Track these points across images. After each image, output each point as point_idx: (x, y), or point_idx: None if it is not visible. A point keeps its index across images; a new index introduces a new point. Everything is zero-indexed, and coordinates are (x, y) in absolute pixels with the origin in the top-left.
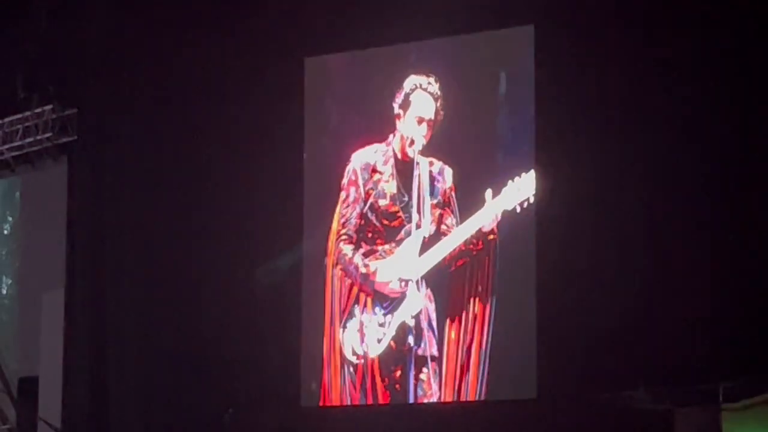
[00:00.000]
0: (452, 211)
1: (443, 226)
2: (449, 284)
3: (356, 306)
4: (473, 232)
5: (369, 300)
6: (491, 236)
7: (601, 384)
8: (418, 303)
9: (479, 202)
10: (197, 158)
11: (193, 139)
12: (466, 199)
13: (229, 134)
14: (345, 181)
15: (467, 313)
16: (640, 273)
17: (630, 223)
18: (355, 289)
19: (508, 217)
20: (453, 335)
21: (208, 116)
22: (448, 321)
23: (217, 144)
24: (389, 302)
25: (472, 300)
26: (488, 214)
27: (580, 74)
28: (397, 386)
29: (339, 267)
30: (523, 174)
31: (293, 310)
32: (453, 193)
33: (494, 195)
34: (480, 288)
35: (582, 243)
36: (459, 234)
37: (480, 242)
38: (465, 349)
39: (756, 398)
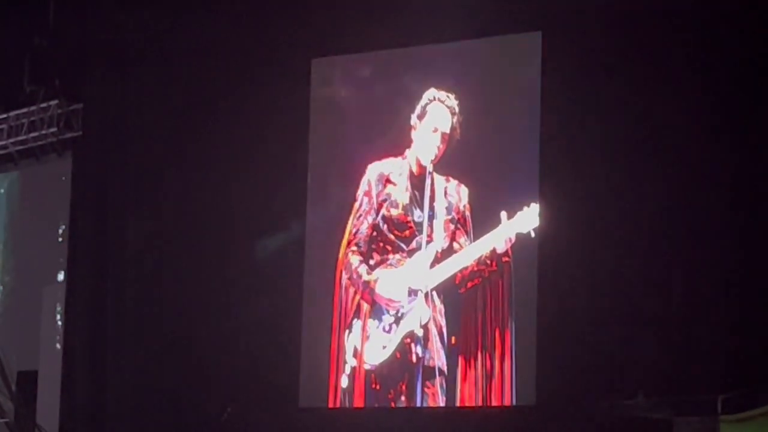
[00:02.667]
0: (466, 232)
1: (456, 244)
2: (460, 307)
3: (358, 314)
4: (487, 252)
5: (368, 309)
6: (505, 258)
7: (600, 392)
8: (427, 313)
9: (493, 223)
10: (201, 157)
11: (197, 139)
12: (481, 220)
13: (233, 134)
14: (360, 192)
15: (482, 336)
16: (642, 282)
17: (631, 235)
18: (357, 297)
19: (522, 240)
20: (467, 356)
21: (213, 116)
22: (460, 342)
23: (222, 144)
24: (393, 312)
25: (486, 323)
26: (502, 235)
27: (588, 85)
28: (403, 398)
29: (346, 276)
30: (533, 204)
31: (293, 311)
32: (468, 213)
33: (509, 217)
34: (495, 310)
35: (582, 253)
36: (472, 251)
37: (494, 263)
38: (483, 371)
39: (754, 410)
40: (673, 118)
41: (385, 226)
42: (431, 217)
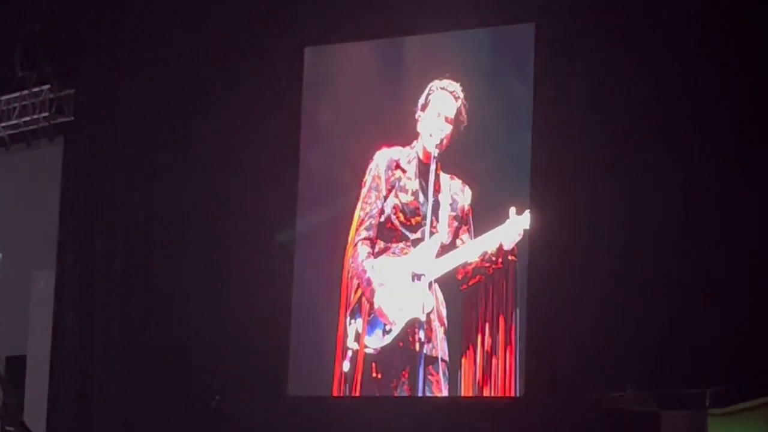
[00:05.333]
0: (469, 230)
1: (458, 241)
2: (461, 302)
3: (359, 308)
4: (493, 248)
5: (368, 308)
6: (511, 257)
7: (588, 385)
8: (431, 302)
9: (497, 221)
10: (193, 144)
11: (189, 126)
12: (483, 222)
13: (226, 122)
14: (368, 176)
15: (483, 332)
16: (630, 276)
17: (621, 230)
18: (360, 292)
19: (528, 237)
20: (469, 349)
21: (206, 102)
22: (463, 334)
23: (214, 130)
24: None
25: (488, 319)
26: (510, 231)
27: (582, 78)
28: (406, 387)
29: (352, 264)
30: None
31: (283, 297)
32: (470, 215)
33: (518, 212)
34: (498, 308)
35: (574, 248)
36: (479, 245)
37: (500, 261)
38: (484, 364)
39: (743, 404)
40: (667, 106)
41: (394, 211)
42: (435, 209)
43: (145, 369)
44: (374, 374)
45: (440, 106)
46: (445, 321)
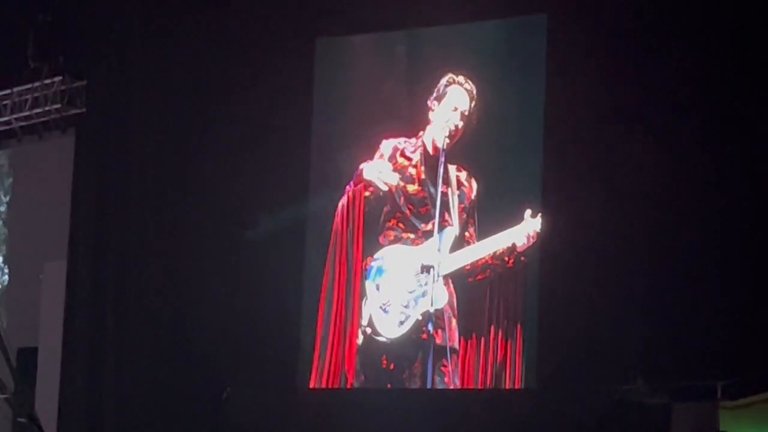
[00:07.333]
0: (474, 222)
1: (466, 233)
2: (469, 295)
3: (371, 295)
4: (506, 246)
5: (381, 295)
6: (523, 258)
7: (600, 377)
8: (445, 296)
9: (502, 218)
10: (204, 134)
11: (200, 118)
12: (490, 213)
13: (237, 114)
14: None
15: (490, 325)
16: (642, 268)
17: (633, 222)
18: (374, 281)
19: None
20: (478, 341)
21: (218, 93)
22: (472, 326)
23: (226, 120)
24: (412, 289)
25: (495, 313)
26: (523, 231)
27: (594, 71)
28: (418, 379)
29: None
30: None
31: (293, 289)
32: (476, 206)
33: (533, 216)
34: (507, 303)
35: (585, 239)
36: (493, 242)
37: (511, 260)
38: (494, 357)
39: (754, 397)
40: (682, 102)
41: (401, 199)
42: (445, 200)
43: (157, 360)
44: (386, 365)
45: (457, 101)
46: (458, 313)
